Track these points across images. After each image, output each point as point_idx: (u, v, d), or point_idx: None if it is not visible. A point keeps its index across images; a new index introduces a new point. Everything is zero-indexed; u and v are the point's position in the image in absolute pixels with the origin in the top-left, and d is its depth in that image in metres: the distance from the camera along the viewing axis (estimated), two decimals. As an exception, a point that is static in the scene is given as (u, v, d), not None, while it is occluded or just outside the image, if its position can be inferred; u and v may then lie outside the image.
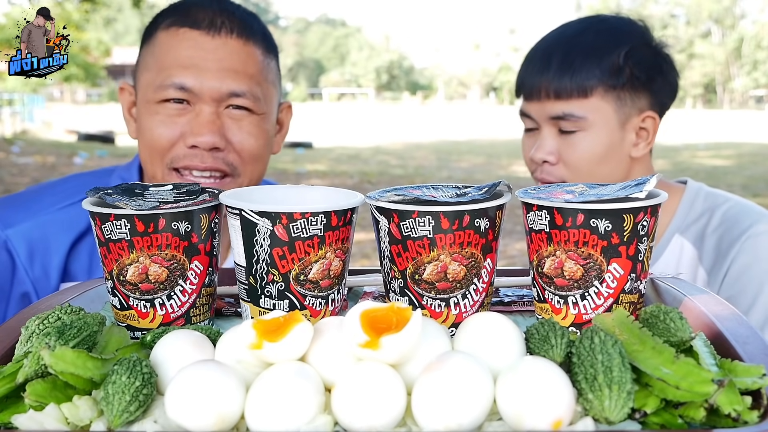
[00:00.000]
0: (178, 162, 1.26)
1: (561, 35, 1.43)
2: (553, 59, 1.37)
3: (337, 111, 45.01)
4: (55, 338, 0.65)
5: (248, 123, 1.29)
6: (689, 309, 0.78)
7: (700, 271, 1.37)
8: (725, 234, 1.35)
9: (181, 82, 1.24)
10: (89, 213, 0.81)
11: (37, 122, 22.64)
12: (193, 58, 1.25)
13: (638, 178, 0.80)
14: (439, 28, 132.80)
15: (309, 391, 0.58)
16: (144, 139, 1.30)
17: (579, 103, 1.34)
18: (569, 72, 1.34)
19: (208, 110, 1.25)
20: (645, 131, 1.40)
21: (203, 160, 1.26)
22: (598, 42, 1.37)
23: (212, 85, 1.25)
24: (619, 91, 1.35)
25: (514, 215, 5.50)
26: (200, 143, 1.25)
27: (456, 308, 0.77)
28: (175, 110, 1.26)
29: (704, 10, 59.82)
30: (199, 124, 1.25)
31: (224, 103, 1.27)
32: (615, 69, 1.34)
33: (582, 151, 1.36)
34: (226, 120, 1.27)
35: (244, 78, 1.27)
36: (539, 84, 1.37)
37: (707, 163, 13.28)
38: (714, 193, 1.43)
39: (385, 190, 0.82)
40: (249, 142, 1.29)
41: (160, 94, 1.25)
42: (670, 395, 0.58)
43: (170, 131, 1.26)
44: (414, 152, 16.00)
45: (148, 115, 1.28)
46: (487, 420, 0.59)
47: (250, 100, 1.27)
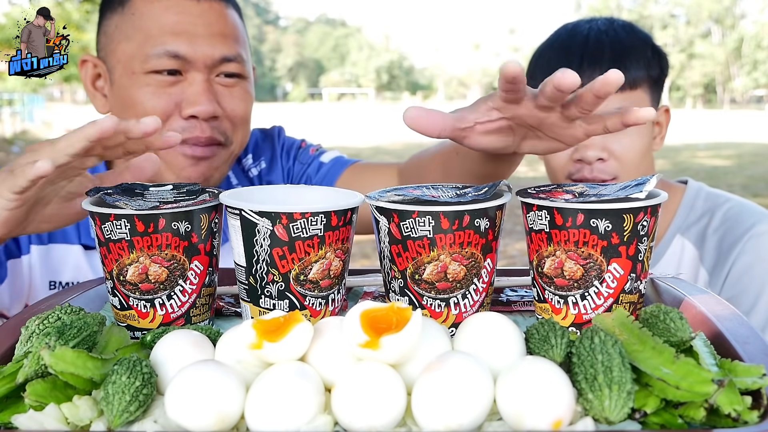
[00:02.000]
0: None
1: (592, 32, 1.41)
2: (604, 53, 1.37)
3: (337, 111, 45.02)
4: (55, 338, 0.65)
5: (239, 89, 1.27)
6: (689, 309, 0.78)
7: (702, 271, 1.37)
8: (726, 234, 1.35)
9: (174, 49, 1.20)
10: (89, 213, 0.81)
11: (37, 122, 22.64)
12: (183, 24, 1.21)
13: (638, 179, 0.80)
14: (439, 28, 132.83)
15: (309, 391, 0.58)
16: (134, 114, 1.23)
17: (629, 96, 1.36)
18: (622, 65, 1.34)
19: (201, 78, 1.22)
20: (659, 125, 1.44)
21: (203, 131, 1.23)
22: (631, 38, 1.41)
23: (205, 51, 1.21)
24: (653, 84, 1.39)
25: (514, 215, 5.49)
26: (199, 113, 1.21)
27: (456, 308, 0.77)
28: (167, 80, 1.21)
29: (704, 10, 59.82)
30: (196, 93, 1.21)
31: (216, 70, 1.24)
32: (650, 62, 1.39)
33: (631, 145, 1.36)
34: (218, 87, 1.25)
35: (233, 41, 1.25)
36: (591, 79, 1.35)
37: (707, 163, 13.28)
38: (715, 194, 1.44)
39: (385, 190, 0.82)
40: (241, 108, 1.27)
41: (150, 63, 1.20)
42: (670, 395, 0.58)
43: (164, 102, 1.21)
44: (414, 152, 15.98)
45: (135, 87, 1.22)
46: (487, 420, 0.59)
47: (240, 64, 1.26)
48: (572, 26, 1.47)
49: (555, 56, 1.43)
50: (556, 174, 1.43)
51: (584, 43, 1.40)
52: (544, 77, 1.41)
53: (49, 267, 1.30)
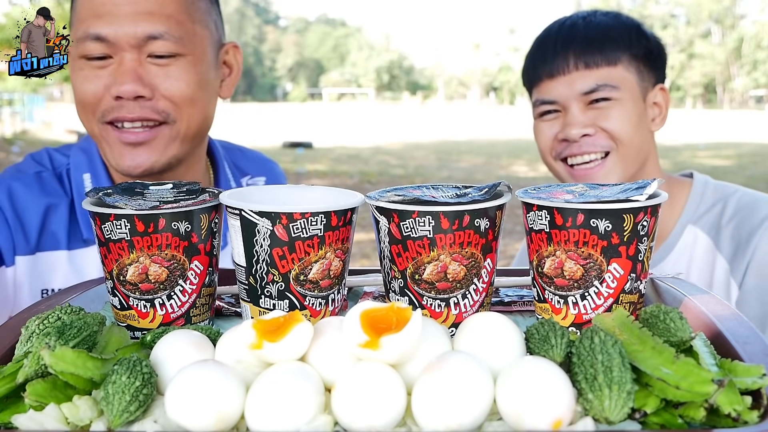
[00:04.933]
0: (108, 115, 1.23)
1: (570, 20, 1.45)
2: (577, 34, 1.40)
3: (337, 111, 45.02)
4: (55, 338, 0.65)
5: (175, 68, 1.24)
6: (689, 309, 0.78)
7: (720, 259, 1.37)
8: (743, 222, 1.37)
9: (96, 32, 1.19)
10: (89, 213, 0.81)
11: (37, 122, 22.64)
12: (106, 5, 1.20)
13: (638, 181, 0.80)
14: (439, 28, 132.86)
15: (309, 391, 0.58)
16: (76, 98, 1.26)
17: (608, 71, 1.37)
18: (597, 43, 1.38)
19: (129, 57, 1.21)
20: (658, 106, 1.45)
21: (130, 111, 1.22)
22: (611, 20, 1.44)
23: (127, 31, 1.19)
24: (639, 62, 1.40)
25: (514, 215, 5.50)
26: (123, 92, 1.20)
27: (456, 308, 0.77)
28: (98, 64, 1.22)
29: (704, 10, 59.82)
30: (120, 74, 1.20)
31: (144, 50, 1.21)
32: (633, 41, 1.40)
33: (620, 119, 1.38)
34: (150, 67, 1.22)
35: (161, 18, 1.22)
36: (565, 59, 1.38)
37: (707, 163, 13.28)
38: (722, 184, 1.47)
39: (385, 190, 0.82)
40: (178, 87, 1.24)
41: (81, 48, 1.21)
42: (670, 395, 0.58)
43: (94, 85, 1.22)
44: (414, 152, 16.01)
45: (74, 72, 1.24)
46: (487, 420, 0.59)
47: (170, 42, 1.22)
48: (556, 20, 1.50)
49: (535, 48, 1.47)
50: (545, 155, 1.47)
51: (559, 29, 1.44)
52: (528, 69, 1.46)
53: (39, 276, 1.28)
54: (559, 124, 1.41)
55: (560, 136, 1.40)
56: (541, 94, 1.43)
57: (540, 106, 1.44)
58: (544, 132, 1.44)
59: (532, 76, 1.46)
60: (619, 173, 1.38)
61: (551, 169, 1.47)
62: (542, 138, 1.45)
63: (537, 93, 1.44)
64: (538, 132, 1.46)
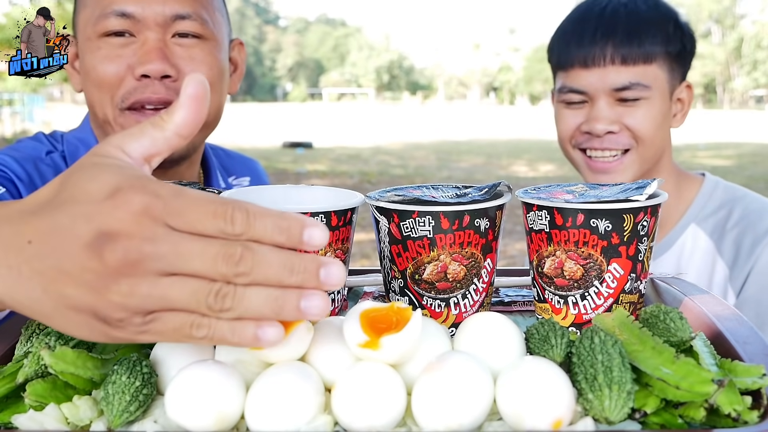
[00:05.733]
0: (129, 98, 1.18)
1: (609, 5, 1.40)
2: (618, 24, 1.36)
3: (337, 111, 45.02)
4: (55, 338, 0.65)
5: (200, 50, 1.21)
6: (689, 309, 0.78)
7: (720, 263, 1.37)
8: (748, 229, 1.36)
9: (121, 8, 1.15)
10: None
11: (37, 122, 22.64)
12: None
13: (638, 181, 0.80)
14: (439, 28, 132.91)
15: (309, 391, 0.58)
16: (90, 80, 1.20)
17: (644, 70, 1.35)
18: (637, 38, 1.35)
19: (154, 37, 1.17)
20: (681, 102, 1.44)
21: (155, 91, 1.17)
22: (651, 11, 1.40)
23: (155, 9, 1.16)
24: (672, 60, 1.38)
25: (514, 215, 5.50)
26: (150, 71, 1.16)
27: (456, 308, 0.77)
28: (119, 42, 1.17)
29: (704, 10, 59.83)
30: (146, 52, 1.16)
31: (170, 30, 1.18)
32: (670, 37, 1.37)
33: (643, 117, 1.36)
34: (175, 48, 1.19)
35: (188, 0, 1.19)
36: (603, 50, 1.35)
37: (707, 163, 13.27)
38: (732, 187, 1.45)
39: (385, 190, 0.82)
40: (202, 70, 1.20)
41: (101, 26, 1.16)
42: (670, 395, 0.58)
43: (116, 65, 1.17)
44: (414, 152, 16.01)
45: (90, 52, 1.18)
46: (487, 420, 0.59)
47: (197, 23, 1.19)
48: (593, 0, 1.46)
49: (571, 28, 1.42)
50: (564, 142, 1.44)
51: (600, 14, 1.39)
52: (560, 50, 1.43)
53: None
54: (584, 115, 1.39)
55: (584, 128, 1.38)
56: (570, 81, 1.39)
57: (567, 93, 1.40)
58: (567, 120, 1.42)
59: (563, 58, 1.41)
60: (636, 170, 1.38)
61: (567, 155, 1.45)
62: (564, 125, 1.42)
63: (565, 78, 1.41)
64: (561, 118, 1.43)
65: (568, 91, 1.40)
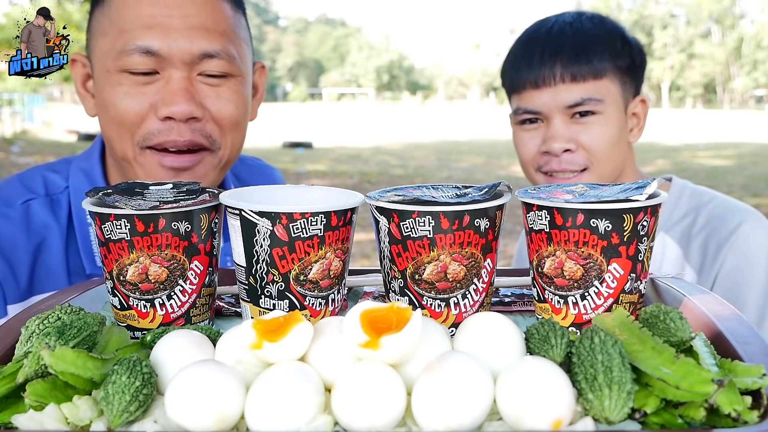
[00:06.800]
0: (152, 139, 1.12)
1: (556, 25, 1.43)
2: (565, 44, 1.38)
3: (337, 111, 45.03)
4: (55, 338, 0.65)
5: (226, 88, 1.15)
6: (689, 309, 0.78)
7: (688, 269, 1.38)
8: (712, 234, 1.37)
9: (145, 44, 1.09)
10: (89, 213, 0.81)
11: (37, 122, 22.65)
12: (157, 17, 1.09)
13: (638, 181, 0.80)
14: (439, 28, 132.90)
15: (309, 391, 0.58)
16: (108, 115, 1.14)
17: (594, 85, 1.37)
18: (584, 55, 1.36)
19: (179, 75, 1.11)
20: (636, 117, 1.45)
21: (181, 134, 1.12)
22: (596, 28, 1.42)
23: (182, 47, 1.10)
24: (622, 74, 1.40)
25: (514, 215, 5.50)
26: (175, 113, 1.10)
27: (456, 308, 0.77)
28: (142, 80, 1.11)
29: (704, 10, 59.85)
30: (171, 93, 1.10)
31: (196, 68, 1.12)
32: (618, 52, 1.39)
33: (599, 135, 1.37)
34: (200, 86, 1.13)
35: (216, 35, 1.13)
36: (552, 70, 1.36)
37: (707, 163, 13.28)
38: (699, 191, 1.45)
39: (385, 190, 0.82)
40: (229, 110, 1.15)
41: (123, 61, 1.10)
42: (670, 395, 0.58)
43: (138, 103, 1.11)
44: (414, 152, 16.01)
45: (109, 86, 1.12)
46: (487, 420, 0.59)
47: (225, 61, 1.14)
48: (540, 20, 1.48)
49: (520, 51, 1.45)
50: (526, 167, 1.46)
51: (547, 34, 1.41)
52: (511, 73, 1.44)
53: None
54: (540, 136, 1.41)
55: (542, 148, 1.40)
56: (523, 103, 1.41)
57: (522, 114, 1.43)
58: (526, 144, 1.43)
59: (515, 81, 1.43)
60: None
61: (531, 180, 1.47)
62: (525, 150, 1.44)
63: (519, 100, 1.43)
64: (520, 142, 1.45)
65: (522, 113, 1.42)
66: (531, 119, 1.42)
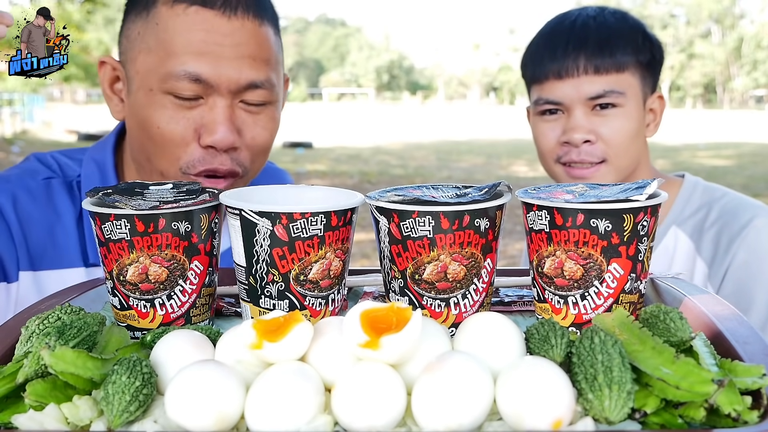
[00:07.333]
0: (197, 166, 1.13)
1: (580, 18, 1.44)
2: (589, 36, 1.39)
3: (337, 111, 45.04)
4: (55, 338, 0.65)
5: (264, 116, 1.17)
6: (689, 309, 0.78)
7: (699, 262, 1.39)
8: (724, 228, 1.37)
9: (195, 72, 1.09)
10: (89, 213, 0.81)
11: (37, 122, 22.66)
12: (208, 44, 1.10)
13: (638, 181, 0.80)
14: (439, 28, 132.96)
15: (309, 391, 0.58)
16: (148, 134, 1.15)
17: (616, 78, 1.38)
18: (608, 48, 1.38)
19: (223, 104, 1.12)
20: (653, 113, 1.46)
21: (222, 162, 1.13)
22: (619, 23, 1.43)
23: (230, 76, 1.10)
24: (642, 69, 1.41)
25: (514, 215, 5.50)
26: (217, 143, 1.11)
27: (456, 308, 0.77)
28: (186, 103, 1.12)
29: (704, 10, 59.86)
30: (215, 121, 1.11)
31: (239, 96, 1.13)
32: (640, 47, 1.40)
33: (620, 128, 1.38)
34: (240, 113, 1.14)
35: (262, 65, 1.14)
36: (576, 61, 1.37)
37: (707, 163, 13.28)
38: (711, 187, 1.47)
39: (385, 190, 0.82)
40: (263, 137, 1.17)
41: (170, 84, 1.10)
42: (670, 395, 0.58)
43: (182, 128, 1.12)
44: (414, 152, 16.01)
45: (152, 107, 1.13)
46: (487, 420, 0.59)
47: (267, 91, 1.15)
48: (563, 13, 1.50)
49: (543, 42, 1.45)
50: (545, 158, 1.47)
51: (571, 27, 1.42)
52: (533, 64, 1.44)
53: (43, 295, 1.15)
54: (561, 126, 1.41)
55: (562, 138, 1.40)
56: (545, 93, 1.42)
57: (543, 105, 1.43)
58: (546, 134, 1.44)
59: (537, 72, 1.44)
60: (612, 179, 1.41)
61: (549, 171, 1.48)
62: (545, 140, 1.45)
63: (540, 91, 1.43)
64: (539, 132, 1.46)
65: (543, 103, 1.43)
66: (551, 110, 1.42)
